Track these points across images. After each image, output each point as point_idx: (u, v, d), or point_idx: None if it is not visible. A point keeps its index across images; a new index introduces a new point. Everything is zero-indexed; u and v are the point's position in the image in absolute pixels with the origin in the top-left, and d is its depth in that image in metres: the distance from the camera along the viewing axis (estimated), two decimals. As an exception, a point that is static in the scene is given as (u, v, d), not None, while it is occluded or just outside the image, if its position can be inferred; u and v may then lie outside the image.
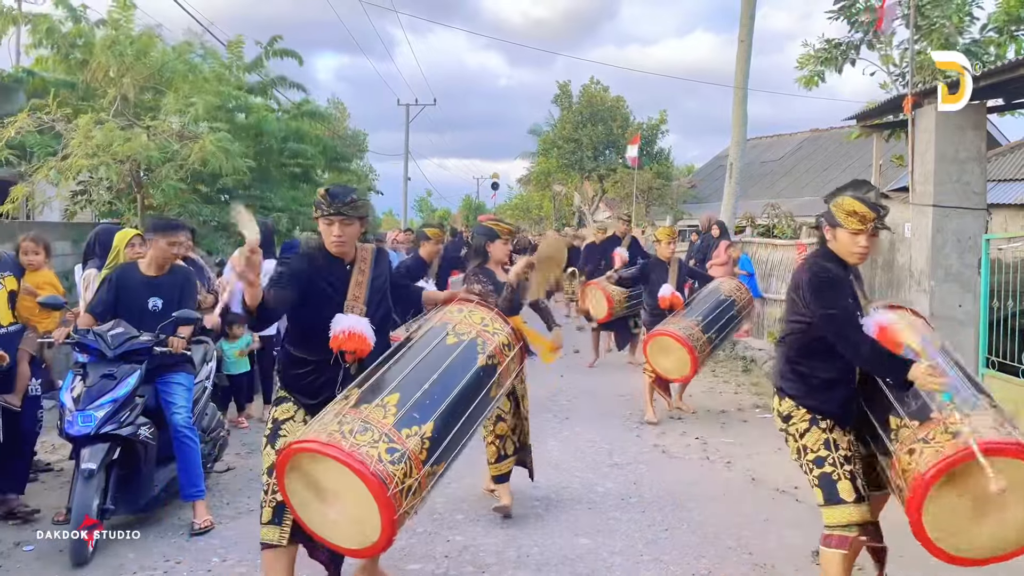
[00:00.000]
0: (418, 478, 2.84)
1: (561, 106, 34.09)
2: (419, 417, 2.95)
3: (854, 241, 3.24)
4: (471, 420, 3.23)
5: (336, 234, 3.33)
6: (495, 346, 3.49)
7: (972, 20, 12.18)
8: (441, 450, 2.98)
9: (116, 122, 8.50)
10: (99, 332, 4.35)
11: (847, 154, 23.10)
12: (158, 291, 4.62)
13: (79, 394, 4.22)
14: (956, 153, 6.86)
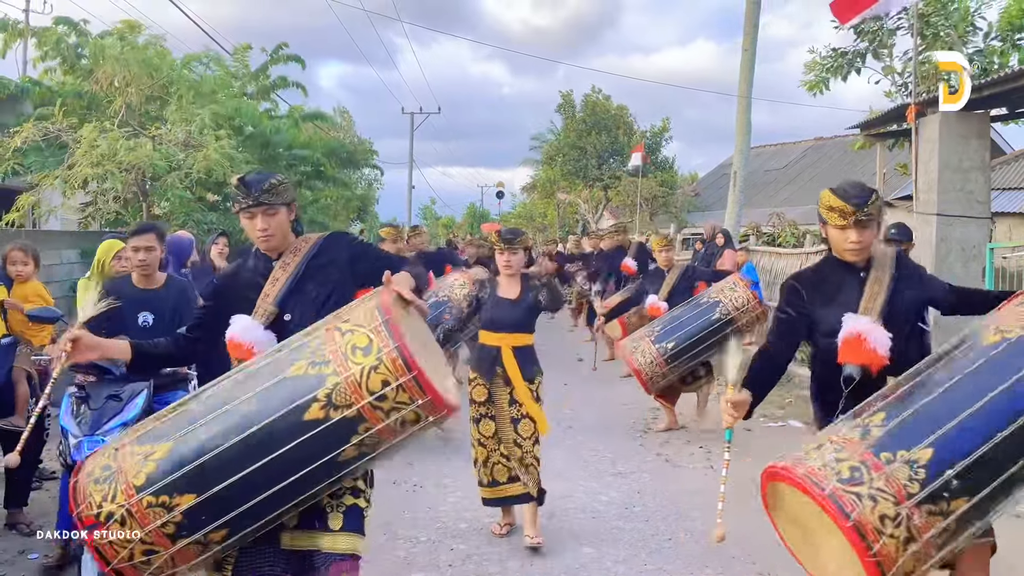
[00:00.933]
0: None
1: (564, 115, 34.17)
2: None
3: (843, 237, 2.95)
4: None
5: (260, 227, 2.81)
6: None
7: (975, 30, 12.19)
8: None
9: (121, 132, 8.55)
10: None
11: (851, 163, 23.10)
12: (149, 305, 4.29)
13: (84, 418, 3.89)
14: (960, 162, 6.87)
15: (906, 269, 3.08)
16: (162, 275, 4.39)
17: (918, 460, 2.27)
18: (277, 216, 2.82)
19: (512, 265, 4.66)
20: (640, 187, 24.40)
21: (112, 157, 8.18)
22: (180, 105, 9.15)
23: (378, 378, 2.31)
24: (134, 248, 4.23)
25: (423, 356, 2.42)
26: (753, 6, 15.67)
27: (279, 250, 2.89)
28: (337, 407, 2.31)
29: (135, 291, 4.31)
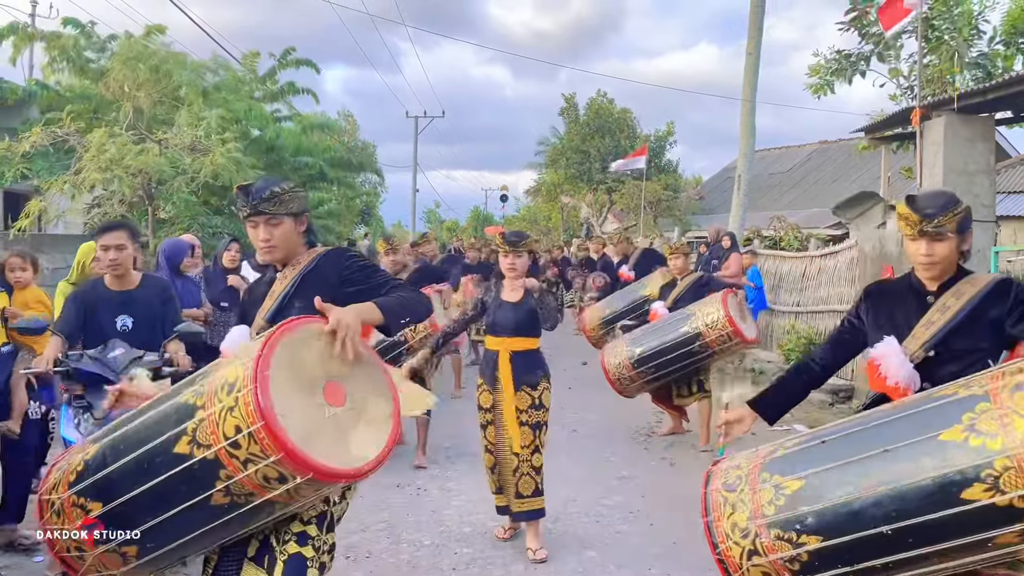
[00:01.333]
0: None
1: (568, 118, 34.20)
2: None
3: (914, 248, 2.70)
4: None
5: (262, 237, 2.70)
6: None
7: (980, 33, 12.18)
8: None
9: (129, 136, 8.59)
10: (95, 356, 3.81)
11: (856, 166, 23.08)
12: (127, 308, 4.02)
13: (88, 428, 3.61)
14: (965, 165, 6.86)
15: (991, 298, 2.62)
16: (137, 274, 4.13)
17: (785, 488, 2.34)
18: (281, 227, 2.69)
19: (516, 268, 4.58)
20: (644, 190, 24.40)
21: (120, 161, 8.22)
22: (190, 110, 9.20)
23: (232, 422, 2.14)
24: (103, 247, 3.96)
25: (308, 403, 2.23)
26: (757, 10, 15.69)
27: (284, 261, 2.76)
28: (200, 446, 2.19)
29: (109, 293, 4.05)
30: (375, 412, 2.39)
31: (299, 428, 2.16)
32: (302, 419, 2.19)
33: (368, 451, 2.29)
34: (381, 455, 2.31)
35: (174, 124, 9.24)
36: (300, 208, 2.74)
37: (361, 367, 2.42)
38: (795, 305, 11.87)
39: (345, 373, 2.36)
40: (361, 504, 5.28)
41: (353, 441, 2.29)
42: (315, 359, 2.32)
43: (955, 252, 2.68)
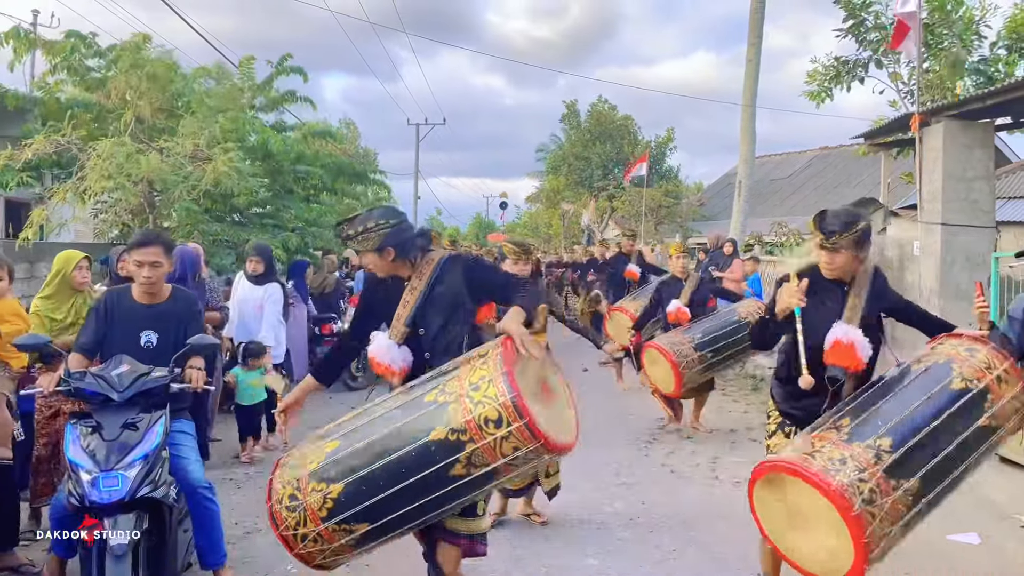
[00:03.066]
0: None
1: (569, 125, 34.25)
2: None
3: (817, 255, 3.44)
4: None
5: (366, 263, 3.31)
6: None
7: (981, 39, 12.19)
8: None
9: (131, 144, 8.61)
10: (99, 374, 3.56)
11: (856, 172, 23.09)
12: (154, 323, 3.84)
13: (98, 450, 3.39)
14: (964, 171, 6.87)
15: (877, 284, 3.45)
16: (167, 287, 3.96)
17: (881, 445, 2.89)
18: (369, 256, 3.21)
19: (524, 272, 5.13)
20: (645, 197, 24.42)
21: (124, 169, 8.23)
22: (194, 118, 9.21)
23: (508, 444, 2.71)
24: (137, 263, 3.79)
25: (536, 400, 2.79)
26: (757, 17, 15.75)
27: (392, 275, 3.25)
28: (475, 466, 2.73)
29: (137, 308, 3.85)
30: (564, 411, 3.04)
31: (543, 421, 2.70)
32: (544, 414, 2.76)
33: (565, 438, 2.84)
34: (572, 441, 2.91)
35: (176, 132, 9.24)
36: (382, 245, 3.16)
37: (542, 366, 3.06)
38: (796, 311, 11.85)
39: (544, 374, 3.03)
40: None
41: (565, 423, 2.95)
42: (531, 367, 2.92)
43: (852, 261, 3.38)
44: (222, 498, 5.55)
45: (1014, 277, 6.86)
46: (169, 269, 3.88)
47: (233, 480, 6.07)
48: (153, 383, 3.59)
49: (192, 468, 3.80)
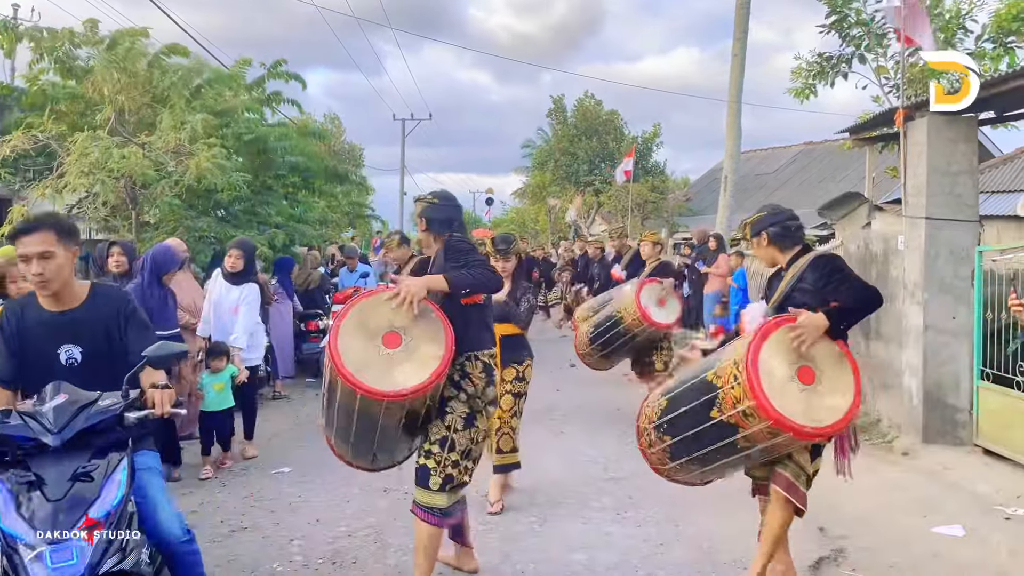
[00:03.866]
0: None
1: (556, 120, 34.23)
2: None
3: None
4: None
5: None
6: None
7: (966, 32, 12.24)
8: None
9: (112, 140, 8.51)
10: (28, 412, 2.67)
11: (842, 166, 23.18)
12: (72, 334, 2.98)
13: (39, 514, 2.48)
14: (948, 166, 6.88)
15: (806, 273, 3.78)
16: (82, 286, 3.06)
17: (661, 405, 3.94)
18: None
19: (506, 270, 5.29)
20: (631, 192, 24.44)
21: (103, 165, 8.14)
22: (172, 113, 9.11)
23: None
24: (22, 257, 2.91)
25: (367, 346, 3.38)
26: (742, 12, 15.76)
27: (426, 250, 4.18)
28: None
29: (47, 317, 2.99)
30: (425, 354, 3.38)
31: (355, 361, 3.31)
32: (360, 355, 3.33)
33: (409, 380, 3.31)
34: (420, 385, 3.31)
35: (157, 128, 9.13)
36: (418, 212, 4.00)
37: (422, 322, 3.44)
38: (782, 305, 11.90)
39: (406, 324, 3.41)
40: (347, 509, 5.25)
41: (398, 373, 3.32)
42: (381, 315, 3.41)
43: (774, 254, 3.98)
44: (206, 496, 5.54)
45: (997, 271, 6.89)
46: (68, 260, 2.95)
47: (218, 478, 6.03)
48: (100, 415, 2.70)
49: (165, 519, 2.88)
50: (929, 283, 6.82)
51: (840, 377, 3.52)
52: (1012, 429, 6.14)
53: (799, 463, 3.69)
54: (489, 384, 3.80)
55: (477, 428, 3.77)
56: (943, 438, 6.70)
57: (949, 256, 6.83)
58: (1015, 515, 5.21)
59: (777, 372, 3.44)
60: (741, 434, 3.49)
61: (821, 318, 3.52)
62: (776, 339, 3.51)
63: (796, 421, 3.32)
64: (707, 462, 3.76)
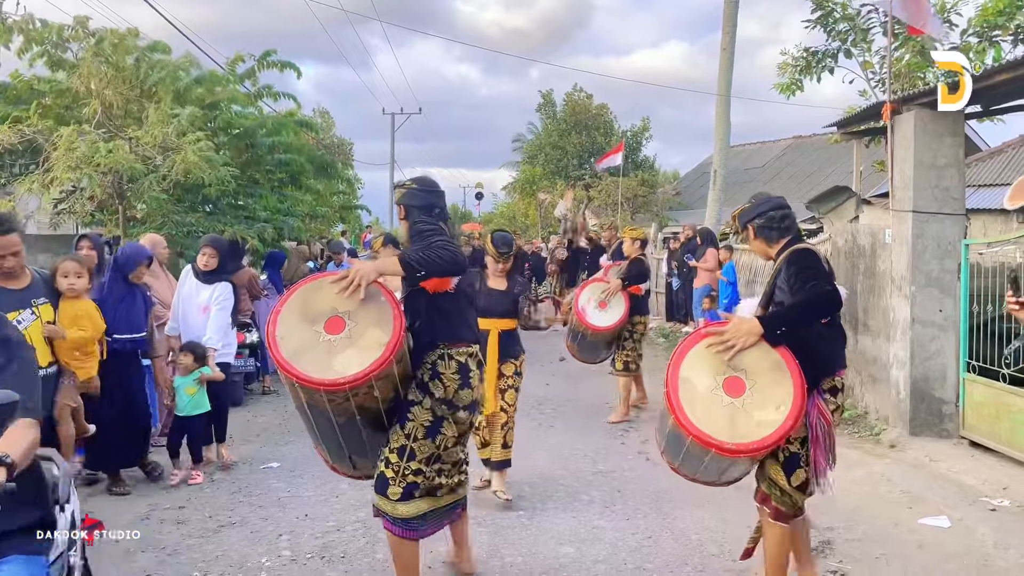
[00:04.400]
0: None
1: (545, 114, 34.22)
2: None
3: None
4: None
5: None
6: None
7: (951, 27, 12.30)
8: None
9: (98, 134, 8.45)
10: None
11: (830, 160, 23.27)
12: None
13: None
14: (935, 159, 6.91)
15: (783, 271, 3.52)
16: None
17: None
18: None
19: (505, 269, 5.40)
20: (621, 186, 24.45)
21: (90, 160, 8.08)
22: (158, 108, 9.06)
23: None
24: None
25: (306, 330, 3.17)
26: (731, 7, 15.78)
27: None
28: None
29: None
30: (369, 340, 3.11)
31: (291, 347, 3.07)
32: (297, 341, 3.09)
33: (349, 369, 3.03)
34: (360, 373, 3.03)
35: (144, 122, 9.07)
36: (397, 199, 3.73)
37: (370, 306, 3.18)
38: (770, 299, 11.94)
39: (351, 308, 3.16)
40: (336, 504, 5.25)
41: (338, 360, 3.06)
42: (325, 300, 3.18)
43: (762, 247, 3.73)
44: (193, 491, 5.52)
45: (983, 264, 6.93)
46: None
47: (206, 473, 6.00)
48: None
49: None
50: (916, 276, 6.86)
51: (775, 389, 3.23)
52: (998, 421, 6.18)
53: (771, 477, 3.54)
54: (464, 386, 3.49)
55: (444, 435, 3.48)
56: (930, 430, 6.75)
57: (936, 249, 6.87)
58: (1000, 506, 5.25)
59: (699, 384, 3.23)
60: (686, 445, 3.30)
61: (752, 323, 3.31)
62: (702, 347, 3.32)
63: (715, 437, 3.13)
64: (693, 469, 3.59)
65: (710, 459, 3.31)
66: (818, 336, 3.48)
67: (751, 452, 3.20)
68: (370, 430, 3.39)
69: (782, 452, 3.47)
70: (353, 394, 3.09)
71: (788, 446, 3.46)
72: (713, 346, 3.29)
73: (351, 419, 3.26)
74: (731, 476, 3.71)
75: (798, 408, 3.21)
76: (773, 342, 3.31)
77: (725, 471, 3.57)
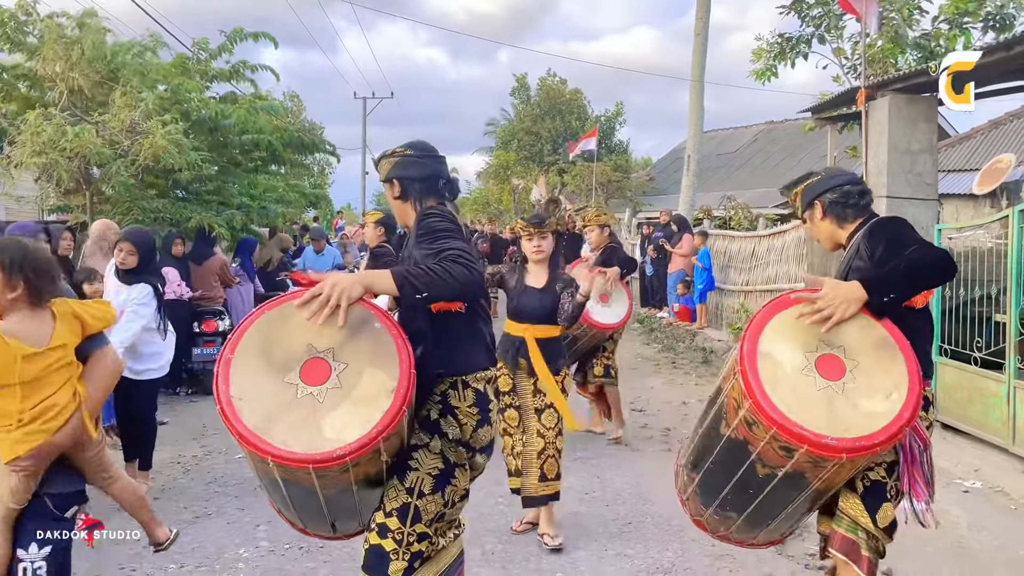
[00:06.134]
0: None
1: (519, 99, 34.11)
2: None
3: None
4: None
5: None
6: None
7: (922, 13, 12.40)
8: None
9: (64, 117, 8.25)
10: None
11: (802, 146, 23.42)
12: None
13: None
14: (908, 145, 6.97)
15: (863, 247, 2.84)
16: None
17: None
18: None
19: (543, 250, 4.44)
20: (595, 172, 24.47)
21: (56, 144, 7.89)
22: (125, 91, 8.85)
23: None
24: None
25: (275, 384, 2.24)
26: (705, -9, 15.79)
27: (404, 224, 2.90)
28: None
29: None
30: (368, 388, 2.25)
31: (258, 411, 2.16)
32: (265, 402, 2.18)
33: (348, 433, 2.17)
34: (366, 438, 2.17)
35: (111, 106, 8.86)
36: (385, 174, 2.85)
37: (360, 336, 2.31)
38: (744, 284, 12.03)
39: (335, 343, 2.28)
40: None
41: (329, 423, 2.18)
42: (295, 334, 2.28)
43: (826, 229, 3.03)
44: (168, 482, 5.43)
45: (955, 248, 7.01)
46: None
47: (180, 463, 5.92)
48: None
49: None
50: (890, 261, 6.93)
51: (883, 372, 2.49)
52: (970, 404, 6.27)
53: (849, 514, 2.75)
54: (483, 423, 2.68)
55: (455, 487, 2.66)
56: (903, 413, 6.81)
57: (909, 234, 6.93)
58: (973, 488, 5.33)
59: (786, 362, 2.48)
60: (753, 454, 2.54)
61: (855, 287, 2.55)
62: (787, 317, 2.57)
63: (809, 428, 2.35)
64: (739, 506, 2.79)
65: (786, 473, 2.52)
66: (912, 328, 2.69)
67: (858, 451, 2.39)
68: (366, 492, 2.55)
69: (861, 481, 2.73)
70: (354, 464, 2.24)
71: (868, 473, 2.74)
72: (804, 315, 2.55)
73: (345, 489, 2.42)
74: (792, 517, 2.88)
75: (916, 396, 2.46)
76: (878, 312, 2.59)
77: (792, 501, 2.70)
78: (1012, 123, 15.10)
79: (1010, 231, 5.84)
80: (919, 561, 4.14)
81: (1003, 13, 11.44)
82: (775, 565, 4.08)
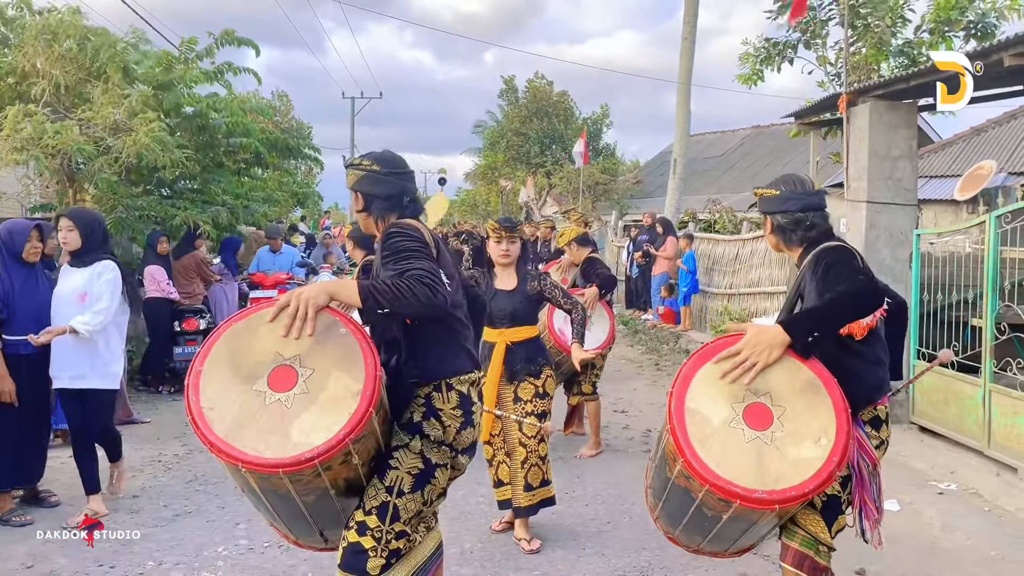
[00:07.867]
0: None
1: (507, 100, 34.17)
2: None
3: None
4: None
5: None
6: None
7: (905, 22, 12.51)
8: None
9: (46, 114, 8.20)
10: None
11: (786, 150, 23.56)
12: None
13: None
14: (889, 150, 7.04)
15: (807, 276, 2.85)
16: None
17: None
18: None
19: (510, 254, 4.45)
20: (583, 174, 24.54)
21: (37, 141, 7.84)
22: (107, 88, 8.80)
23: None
24: None
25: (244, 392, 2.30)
26: (692, -4, 15.89)
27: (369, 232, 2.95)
28: None
29: None
30: (335, 391, 2.31)
31: (227, 418, 2.25)
32: (234, 411, 2.27)
33: (315, 436, 2.24)
34: (333, 440, 2.23)
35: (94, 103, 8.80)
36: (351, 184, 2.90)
37: (327, 343, 2.38)
38: (728, 287, 12.10)
39: (302, 350, 2.35)
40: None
41: (297, 427, 2.25)
42: (262, 344, 2.36)
43: (774, 240, 3.04)
44: (148, 480, 5.43)
45: (934, 254, 7.10)
46: None
47: (162, 462, 5.92)
48: None
49: None
50: (869, 265, 6.98)
51: (811, 416, 2.50)
52: (946, 407, 6.35)
53: (809, 530, 2.78)
54: (466, 425, 2.71)
55: (434, 486, 2.70)
56: (881, 416, 6.89)
57: (888, 239, 7.01)
58: (948, 490, 5.40)
59: (714, 416, 2.50)
60: (697, 500, 2.57)
61: (774, 331, 2.56)
62: (714, 368, 2.59)
63: (739, 484, 2.39)
64: (701, 532, 2.80)
65: (730, 516, 2.53)
66: (853, 354, 2.78)
67: (790, 501, 2.40)
68: (346, 498, 2.60)
69: (818, 498, 2.72)
70: (325, 468, 2.30)
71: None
72: (728, 372, 2.56)
73: (323, 495, 2.47)
74: (753, 538, 2.90)
75: (844, 438, 2.47)
76: (804, 353, 2.59)
77: (746, 531, 2.73)
78: (993, 130, 15.25)
79: (987, 237, 5.92)
80: (890, 559, 4.19)
81: (984, 22, 11.57)
82: (749, 564, 4.13)
